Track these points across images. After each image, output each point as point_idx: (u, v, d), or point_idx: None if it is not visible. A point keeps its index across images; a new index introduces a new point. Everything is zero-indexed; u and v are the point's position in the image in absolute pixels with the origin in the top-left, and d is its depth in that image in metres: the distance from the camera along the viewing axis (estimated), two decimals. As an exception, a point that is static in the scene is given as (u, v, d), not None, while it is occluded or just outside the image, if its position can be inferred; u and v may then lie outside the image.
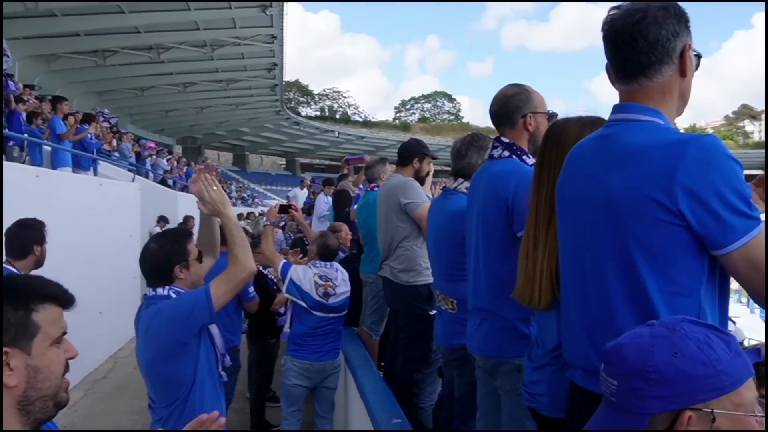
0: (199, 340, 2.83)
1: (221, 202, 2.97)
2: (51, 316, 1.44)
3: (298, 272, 4.74)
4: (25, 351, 1.39)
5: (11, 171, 6.88)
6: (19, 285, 1.45)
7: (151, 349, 2.83)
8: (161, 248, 2.95)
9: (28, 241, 4.05)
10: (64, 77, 38.08)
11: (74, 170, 9.99)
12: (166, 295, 2.90)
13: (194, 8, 32.04)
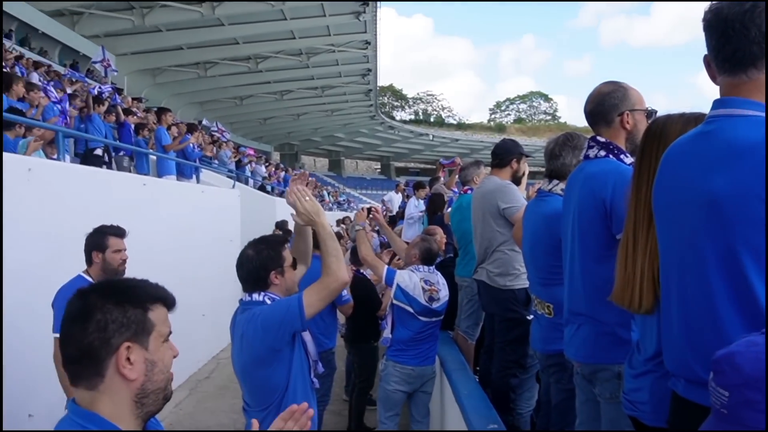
0: (292, 347, 2.90)
1: (315, 212, 3.02)
2: (161, 316, 1.56)
3: (404, 277, 4.70)
4: (143, 346, 1.50)
5: (121, 180, 7.26)
6: (134, 286, 1.56)
7: (245, 354, 2.92)
8: (258, 254, 3.02)
9: (88, 249, 4.16)
10: (169, 89, 39.88)
11: (178, 178, 10.42)
12: (261, 301, 2.98)
13: (290, 17, 32.81)
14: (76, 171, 6.27)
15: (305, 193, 3.04)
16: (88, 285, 1.57)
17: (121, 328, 1.46)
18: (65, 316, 1.49)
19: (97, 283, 1.57)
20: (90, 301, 1.48)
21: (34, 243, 4.79)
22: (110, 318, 1.46)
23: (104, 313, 1.46)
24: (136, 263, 6.09)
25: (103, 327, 1.45)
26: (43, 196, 5.00)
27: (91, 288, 1.53)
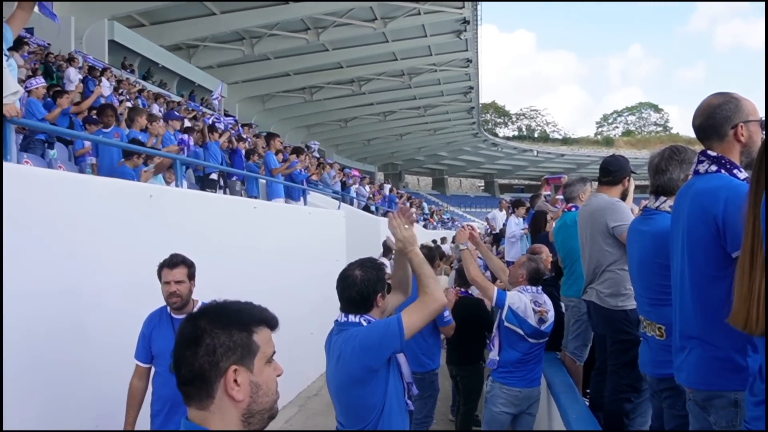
0: (388, 368, 2.93)
1: (411, 242, 3.13)
2: (265, 337, 1.62)
3: (515, 299, 4.66)
4: (248, 369, 1.56)
5: (234, 203, 7.57)
6: (239, 310, 1.62)
7: (342, 374, 2.97)
8: (368, 277, 3.08)
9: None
10: (277, 114, 41.30)
11: (286, 200, 10.75)
12: (357, 323, 3.03)
13: (392, 39, 33.29)
14: (192, 196, 6.60)
15: (404, 223, 3.12)
16: (199, 309, 1.65)
17: (228, 351, 1.53)
18: (178, 340, 1.59)
19: (206, 307, 1.63)
20: (199, 325, 1.56)
21: (153, 265, 5.06)
22: (218, 342, 1.53)
23: (212, 338, 1.53)
24: (249, 282, 6.36)
25: (211, 351, 1.53)
26: (163, 220, 5.29)
27: (201, 312, 1.61)
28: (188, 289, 3.96)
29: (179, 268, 3.91)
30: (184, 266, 3.93)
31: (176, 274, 3.89)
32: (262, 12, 28.09)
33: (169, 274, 3.89)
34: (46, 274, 3.88)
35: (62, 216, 4.04)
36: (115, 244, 4.55)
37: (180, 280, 3.90)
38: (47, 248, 3.88)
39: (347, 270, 3.16)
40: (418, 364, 5.42)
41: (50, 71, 14.62)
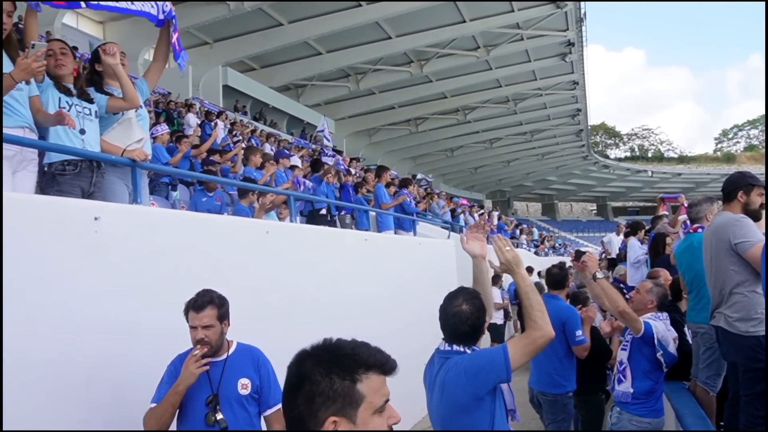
0: (493, 396, 2.86)
1: (515, 263, 3.02)
2: (375, 385, 1.48)
3: (660, 328, 4.47)
4: (351, 420, 1.44)
5: (346, 236, 7.69)
6: (346, 354, 1.49)
7: (447, 402, 2.92)
8: (477, 311, 3.02)
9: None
10: (383, 147, 41.95)
11: (396, 231, 10.83)
12: (462, 351, 2.98)
13: (495, 67, 33.22)
14: (306, 231, 6.77)
15: (506, 243, 3.05)
16: (311, 347, 1.53)
17: (327, 401, 1.43)
18: (286, 380, 1.51)
19: (315, 347, 1.52)
20: (303, 368, 1.47)
21: (271, 297, 5.20)
22: (317, 390, 1.43)
23: (312, 384, 1.44)
24: (362, 315, 6.42)
25: (310, 399, 1.44)
26: (278, 254, 5.45)
27: (310, 352, 1.51)
28: (218, 333, 3.29)
29: (208, 310, 3.25)
30: (213, 307, 3.28)
31: (204, 318, 3.24)
32: (366, 48, 28.80)
33: (195, 317, 3.24)
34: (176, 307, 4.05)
35: (186, 253, 4.22)
36: (235, 279, 4.72)
37: (208, 324, 3.25)
38: (174, 284, 4.06)
39: (453, 305, 3.05)
40: (552, 385, 5.28)
41: (171, 118, 15.52)
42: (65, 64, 4.02)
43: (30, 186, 3.72)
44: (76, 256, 3.32)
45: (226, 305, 3.38)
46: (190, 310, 3.24)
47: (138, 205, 4.17)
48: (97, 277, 3.40)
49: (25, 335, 2.93)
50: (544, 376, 5.36)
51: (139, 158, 4.11)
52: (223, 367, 3.30)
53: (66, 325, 3.16)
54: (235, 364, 3.35)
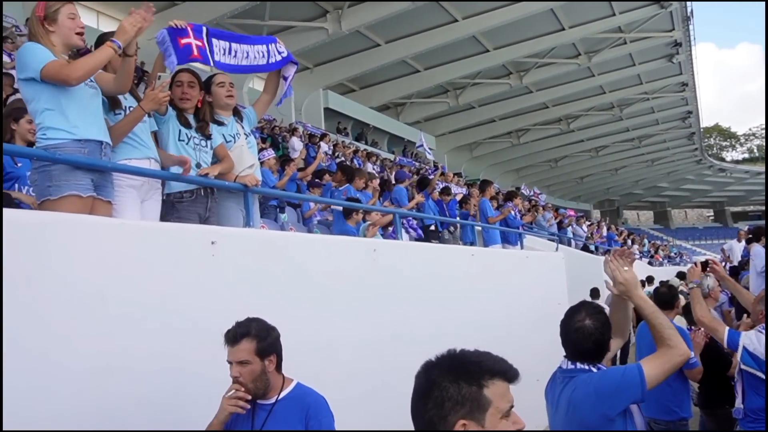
0: (624, 418, 2.73)
1: (633, 284, 2.89)
2: (500, 391, 1.56)
3: (751, 339, 4.21)
4: (479, 423, 1.53)
5: (453, 252, 7.66)
6: (471, 362, 1.58)
7: (574, 422, 2.80)
8: (602, 326, 2.90)
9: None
10: (485, 161, 41.67)
11: (503, 246, 10.70)
12: (587, 369, 2.86)
13: (598, 73, 32.39)
14: (413, 248, 6.80)
15: (623, 264, 2.92)
16: (435, 358, 1.63)
17: (456, 405, 1.51)
18: (414, 388, 1.60)
19: (440, 357, 1.62)
20: (431, 376, 1.56)
21: (379, 317, 5.24)
22: (446, 395, 1.52)
23: (441, 390, 1.53)
24: (472, 331, 6.36)
25: (440, 404, 1.53)
26: (387, 272, 5.49)
27: (436, 362, 1.61)
28: (257, 371, 2.78)
29: (244, 343, 2.77)
30: (250, 340, 2.78)
31: (239, 353, 2.76)
32: (464, 63, 28.74)
33: (230, 352, 2.80)
34: (288, 326, 4.15)
35: (296, 273, 4.32)
36: (344, 298, 4.79)
37: (243, 360, 2.76)
38: (287, 305, 4.17)
39: (575, 320, 2.95)
40: (665, 412, 5.04)
41: (277, 142, 16.04)
42: (190, 98, 4.20)
43: (156, 214, 3.94)
44: (195, 278, 3.47)
45: (269, 338, 2.83)
46: (226, 343, 2.79)
47: (251, 229, 4.33)
48: (215, 298, 3.54)
49: (152, 353, 3.09)
50: (655, 403, 5.10)
51: (251, 184, 4.27)
52: (269, 412, 2.84)
53: (188, 343, 3.31)
54: (283, 412, 2.85)
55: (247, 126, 4.83)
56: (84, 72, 3.27)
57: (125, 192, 3.70)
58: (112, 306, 2.94)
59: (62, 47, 3.41)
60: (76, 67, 3.26)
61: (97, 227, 3.04)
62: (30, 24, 3.45)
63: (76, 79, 3.27)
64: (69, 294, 2.77)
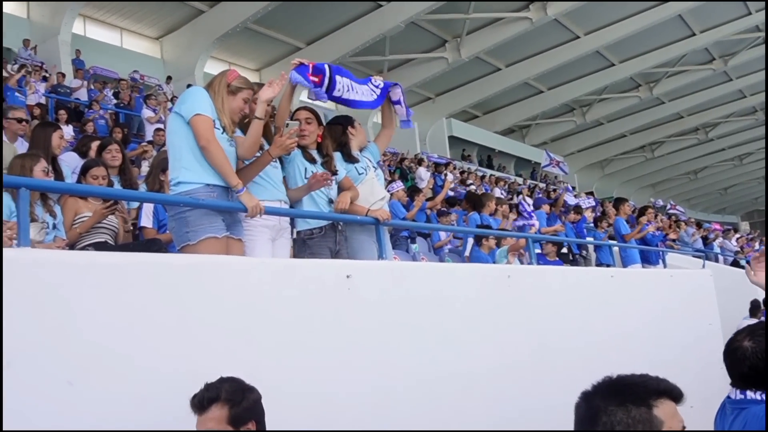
0: None
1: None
2: (669, 411, 1.53)
3: None
4: None
5: (589, 274, 7.41)
6: (635, 383, 1.55)
7: None
8: (761, 347, 2.61)
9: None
10: (617, 178, 40.18)
11: (643, 266, 10.21)
12: (759, 400, 2.60)
13: (735, 77, 30.56)
14: (548, 272, 6.62)
15: None
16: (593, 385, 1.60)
17: (628, 429, 1.47)
18: (577, 420, 1.56)
19: (598, 384, 1.59)
20: (594, 404, 1.52)
21: (516, 344, 5.12)
22: (615, 420, 1.48)
23: (608, 416, 1.49)
24: (617, 355, 6.08)
25: (609, 430, 1.48)
26: (521, 298, 5.38)
27: (595, 389, 1.57)
28: None
29: (213, 410, 2.30)
30: (220, 406, 2.30)
31: (207, 422, 2.30)
32: (589, 79, 28.08)
33: (198, 422, 2.33)
34: (427, 357, 4.15)
35: (431, 303, 4.32)
36: (480, 326, 4.73)
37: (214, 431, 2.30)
38: (423, 334, 4.17)
39: (734, 341, 2.69)
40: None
41: (405, 174, 16.25)
42: (308, 133, 4.34)
43: (286, 252, 4.09)
44: (333, 311, 3.54)
45: (244, 402, 2.36)
46: (193, 411, 2.32)
47: (385, 261, 4.38)
48: (352, 331, 3.60)
49: (296, 389, 3.18)
50: None
51: (382, 218, 4.34)
52: None
53: (331, 377, 3.37)
54: None
55: (373, 160, 4.93)
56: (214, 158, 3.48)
57: (258, 231, 3.86)
58: (257, 343, 3.07)
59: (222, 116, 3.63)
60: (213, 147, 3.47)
61: (238, 266, 3.20)
62: (215, 80, 3.71)
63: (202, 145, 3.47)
64: (218, 331, 2.92)
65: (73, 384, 2.41)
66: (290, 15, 20.08)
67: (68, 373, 2.39)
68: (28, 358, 2.32)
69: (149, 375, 2.60)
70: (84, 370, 2.45)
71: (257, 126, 3.68)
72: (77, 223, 4.43)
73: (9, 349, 2.24)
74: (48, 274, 2.47)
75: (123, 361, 2.56)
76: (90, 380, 2.45)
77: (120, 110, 14.43)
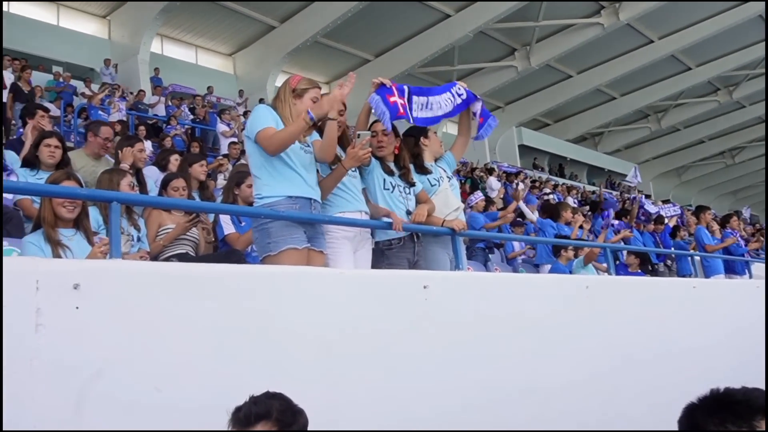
0: None
1: None
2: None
3: None
4: None
5: (669, 286, 7.15)
6: (738, 401, 1.49)
7: None
8: None
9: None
10: (696, 185, 38.86)
11: (727, 276, 9.82)
12: None
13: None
14: (627, 283, 6.43)
15: None
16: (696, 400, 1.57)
17: None
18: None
19: (703, 399, 1.55)
20: (695, 420, 1.50)
21: (595, 357, 4.98)
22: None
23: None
24: (699, 369, 5.85)
25: None
26: (600, 308, 5.23)
27: (698, 404, 1.54)
28: None
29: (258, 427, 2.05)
30: (269, 425, 2.06)
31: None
32: (664, 85, 27.34)
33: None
34: (502, 369, 4.08)
35: (507, 315, 4.24)
36: (557, 337, 4.62)
37: None
38: (499, 345, 4.09)
39: None
40: None
41: (476, 184, 16.13)
42: (384, 145, 4.34)
43: (367, 263, 4.09)
44: (410, 322, 3.53)
45: (294, 425, 2.11)
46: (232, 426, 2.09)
47: (461, 272, 4.34)
48: (429, 342, 3.57)
49: (374, 399, 3.17)
50: None
51: (458, 228, 4.31)
52: None
53: (413, 388, 3.37)
54: None
55: (448, 169, 4.89)
56: (278, 146, 3.52)
57: (339, 243, 3.89)
58: (336, 352, 3.09)
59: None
60: (273, 141, 3.52)
61: (315, 277, 3.24)
62: (280, 89, 3.82)
63: (273, 152, 3.54)
64: (297, 340, 2.96)
65: (161, 390, 2.47)
66: (359, 28, 20.31)
67: (156, 380, 2.46)
68: (119, 365, 2.40)
69: (231, 381, 2.64)
70: (171, 376, 2.52)
71: (331, 126, 3.68)
72: (161, 235, 4.56)
73: (101, 358, 2.34)
74: (138, 284, 2.55)
75: (206, 368, 2.62)
76: (176, 387, 2.51)
77: (196, 125, 14.86)
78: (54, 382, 2.25)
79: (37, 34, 17.29)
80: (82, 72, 17.10)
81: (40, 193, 4.00)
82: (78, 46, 18.20)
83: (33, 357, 2.21)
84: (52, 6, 18.37)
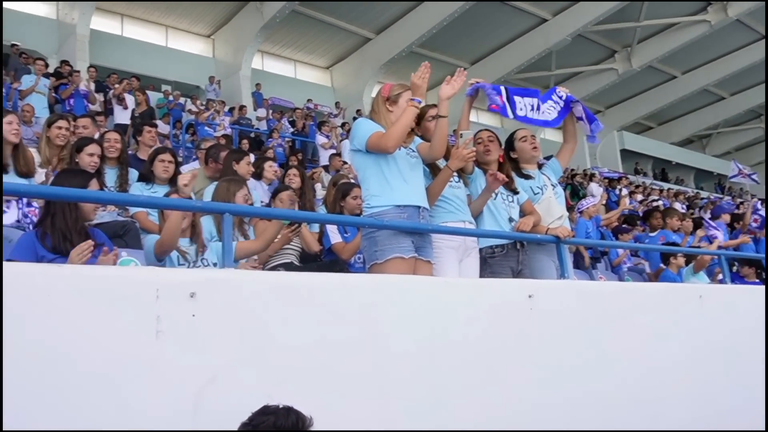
0: None
1: None
2: None
3: None
4: None
5: None
6: None
7: None
8: None
9: None
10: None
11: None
12: None
13: None
14: (744, 292, 6.11)
15: None
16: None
17: None
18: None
19: None
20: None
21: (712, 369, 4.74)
22: None
23: None
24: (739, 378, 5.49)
25: None
26: (714, 320, 4.99)
27: None
28: None
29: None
30: None
31: None
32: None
33: None
34: (608, 379, 3.95)
35: (614, 324, 4.12)
36: (669, 348, 4.45)
37: None
38: (604, 356, 3.97)
39: None
40: None
41: (576, 190, 15.71)
42: (492, 150, 4.34)
43: (474, 271, 4.06)
44: (515, 332, 3.49)
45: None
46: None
47: (566, 280, 4.24)
48: (534, 351, 3.54)
49: (474, 407, 3.14)
50: None
51: (563, 235, 4.21)
52: None
53: (507, 393, 3.35)
54: None
55: (553, 177, 4.80)
56: (396, 138, 3.57)
57: (445, 253, 3.89)
58: (441, 360, 3.10)
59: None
60: (388, 136, 3.57)
61: (421, 286, 3.26)
62: (374, 101, 3.90)
63: (393, 147, 3.58)
64: (401, 347, 2.99)
65: (272, 397, 2.53)
66: (453, 37, 20.28)
67: (268, 387, 2.52)
68: (232, 371, 2.49)
69: (338, 387, 2.72)
70: (281, 382, 2.58)
71: (443, 123, 3.70)
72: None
73: (215, 364, 2.44)
74: (250, 292, 2.64)
75: (315, 375, 2.68)
76: (285, 393, 2.57)
77: (296, 137, 15.22)
78: (172, 385, 2.36)
79: (148, 56, 18.26)
80: (188, 90, 17.88)
81: (156, 206, 4.23)
82: (185, 65, 19.07)
83: (154, 361, 2.33)
84: (161, 29, 19.34)
